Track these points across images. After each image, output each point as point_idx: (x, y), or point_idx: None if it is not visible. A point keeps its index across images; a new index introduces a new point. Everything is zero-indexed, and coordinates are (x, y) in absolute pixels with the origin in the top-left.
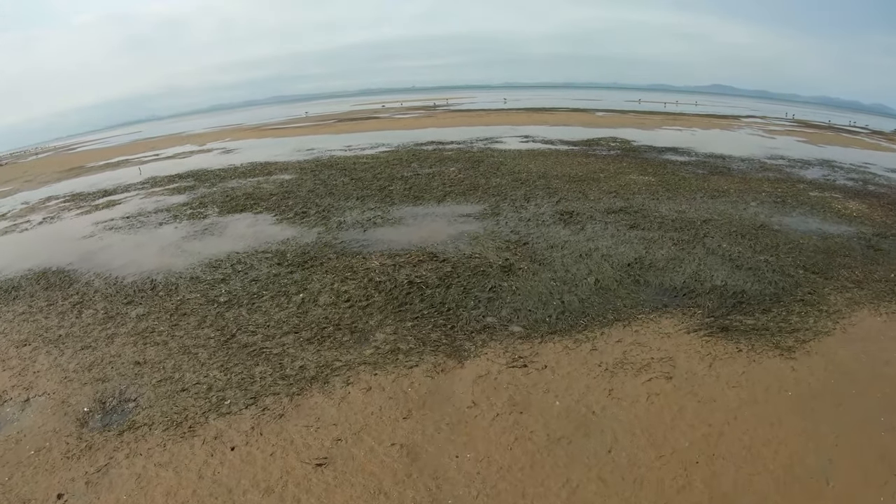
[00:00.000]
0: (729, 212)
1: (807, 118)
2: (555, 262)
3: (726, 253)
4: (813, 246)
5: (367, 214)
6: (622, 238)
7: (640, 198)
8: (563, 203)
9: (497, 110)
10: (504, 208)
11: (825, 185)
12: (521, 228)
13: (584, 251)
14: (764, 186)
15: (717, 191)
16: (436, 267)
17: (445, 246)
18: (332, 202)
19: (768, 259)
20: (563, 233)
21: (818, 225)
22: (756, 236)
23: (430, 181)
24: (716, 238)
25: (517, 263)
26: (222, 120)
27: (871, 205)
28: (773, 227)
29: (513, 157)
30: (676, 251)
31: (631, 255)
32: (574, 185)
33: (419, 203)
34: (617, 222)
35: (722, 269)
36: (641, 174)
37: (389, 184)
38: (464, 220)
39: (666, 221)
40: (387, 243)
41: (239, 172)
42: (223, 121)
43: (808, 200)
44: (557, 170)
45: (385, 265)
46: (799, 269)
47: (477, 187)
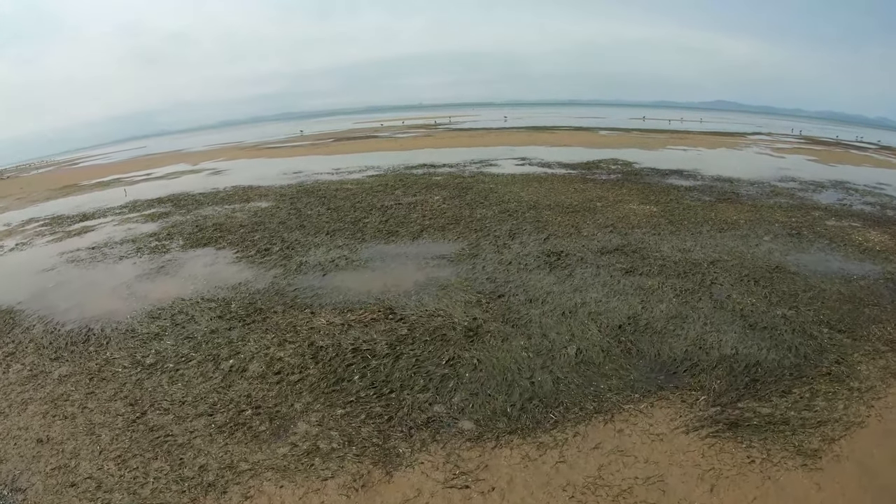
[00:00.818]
0: (739, 249)
1: (813, 134)
2: (531, 322)
3: (737, 307)
4: (836, 293)
5: (333, 254)
6: (615, 288)
7: (639, 233)
8: (552, 241)
9: (497, 129)
10: (484, 248)
11: (842, 211)
12: (500, 275)
13: (568, 307)
14: (776, 215)
15: (725, 222)
16: (389, 328)
17: (408, 299)
18: (300, 237)
19: (786, 314)
20: (547, 281)
21: (839, 263)
22: (771, 282)
23: (409, 212)
24: (725, 286)
25: (486, 325)
26: (225, 137)
27: (894, 235)
28: (790, 268)
29: (505, 184)
30: (679, 305)
31: (624, 311)
32: (567, 217)
33: (392, 240)
34: (611, 266)
35: (732, 329)
36: (642, 203)
37: (366, 215)
38: (436, 264)
39: (668, 264)
40: (343, 293)
41: (218, 198)
42: (225, 138)
43: (826, 232)
44: (551, 198)
45: (332, 324)
46: (822, 328)
47: (459, 220)
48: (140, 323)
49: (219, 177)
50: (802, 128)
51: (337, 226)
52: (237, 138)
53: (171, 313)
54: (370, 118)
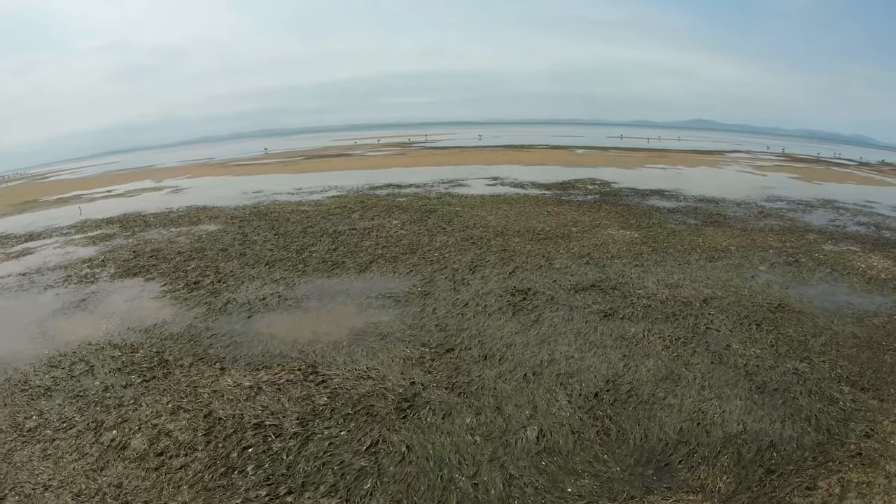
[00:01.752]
0: (734, 283)
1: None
2: (484, 389)
3: (740, 361)
4: (850, 336)
5: (266, 290)
6: (591, 338)
7: (619, 264)
8: (518, 275)
9: (472, 148)
10: (439, 284)
11: (836, 234)
12: (452, 320)
13: (531, 366)
14: (769, 240)
15: (715, 249)
16: (307, 394)
17: (337, 352)
18: (237, 268)
19: (798, 368)
20: (509, 328)
21: (846, 297)
22: (775, 324)
23: (362, 239)
24: (723, 332)
25: (426, 392)
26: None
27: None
28: (794, 305)
29: (472, 206)
30: (669, 361)
31: (601, 371)
32: (538, 245)
33: (336, 273)
34: (586, 307)
35: (737, 394)
36: (622, 227)
37: (314, 242)
38: (380, 305)
39: (653, 304)
40: (264, 342)
41: (168, 220)
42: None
43: (826, 259)
44: (521, 223)
45: (240, 386)
46: (842, 385)
47: (416, 249)
48: (36, 372)
49: (177, 196)
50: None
51: (280, 255)
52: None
53: (72, 361)
54: (350, 136)
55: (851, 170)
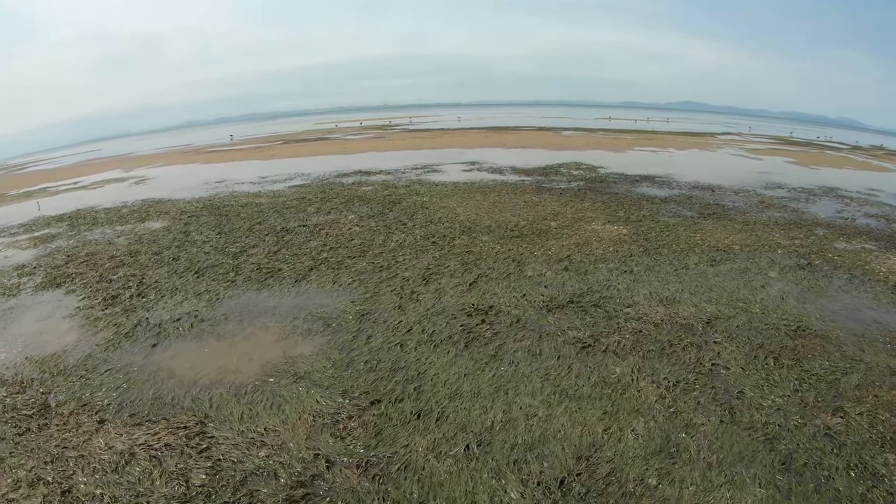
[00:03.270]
0: (742, 295)
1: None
2: (409, 468)
3: (757, 418)
4: (886, 371)
5: (185, 307)
6: (563, 384)
7: (604, 270)
8: (480, 286)
9: (454, 130)
10: (383, 300)
11: (846, 228)
12: (388, 354)
13: (479, 431)
14: (776, 236)
15: (716, 248)
16: (184, 467)
17: (237, 402)
18: (164, 277)
19: (831, 427)
20: (458, 368)
21: (873, 313)
22: (797, 356)
23: (310, 239)
24: (733, 370)
25: (331, 473)
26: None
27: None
28: (815, 326)
29: (442, 196)
30: (664, 421)
31: (573, 441)
32: (509, 245)
33: (269, 284)
34: (561, 334)
35: (755, 476)
36: (609, 221)
37: (257, 242)
38: (306, 330)
39: (645, 328)
40: (158, 385)
41: (118, 216)
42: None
43: (840, 260)
44: (493, 216)
45: (112, 450)
46: (887, 452)
47: (367, 251)
48: None
49: (138, 188)
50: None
51: (214, 260)
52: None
53: None
54: (333, 119)
55: (846, 153)
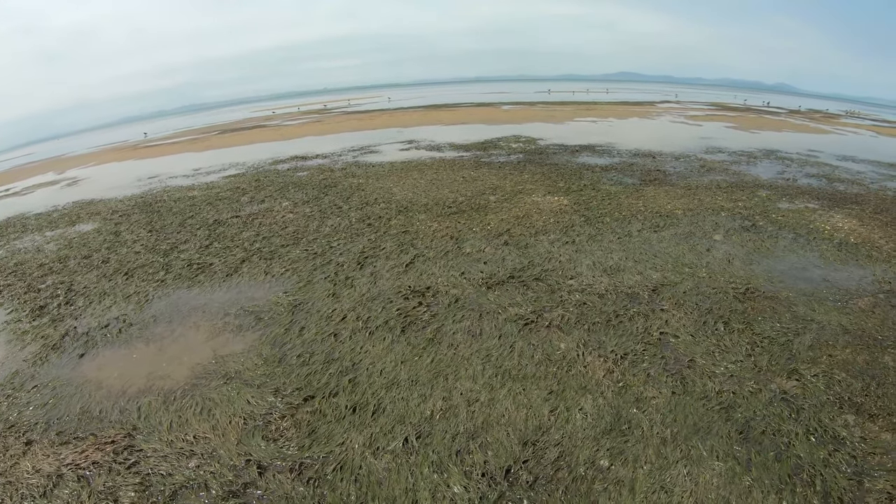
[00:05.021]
0: (687, 259)
1: (722, 100)
2: (345, 468)
3: (710, 387)
4: (839, 330)
5: (114, 312)
6: (505, 364)
7: (545, 242)
8: (417, 266)
9: (393, 110)
10: (316, 288)
11: (789, 188)
12: (321, 346)
13: (417, 422)
14: (719, 199)
15: (658, 214)
16: (112, 485)
17: (165, 410)
18: (93, 281)
19: (788, 391)
20: (394, 355)
21: (821, 271)
22: (747, 320)
23: (243, 230)
24: (683, 338)
25: (263, 479)
26: (115, 136)
27: (861, 218)
28: (764, 288)
29: (378, 176)
30: (614, 397)
31: (518, 426)
32: (447, 222)
33: (199, 280)
34: (502, 311)
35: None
36: (549, 192)
37: (189, 237)
38: (237, 326)
39: (590, 300)
40: (86, 397)
41: (48, 221)
42: (115, 137)
43: (785, 220)
44: (431, 194)
45: (39, 473)
46: (845, 413)
47: (300, 238)
48: None
49: (70, 189)
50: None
51: (145, 259)
52: (125, 137)
53: None
54: (272, 105)
55: (784, 117)
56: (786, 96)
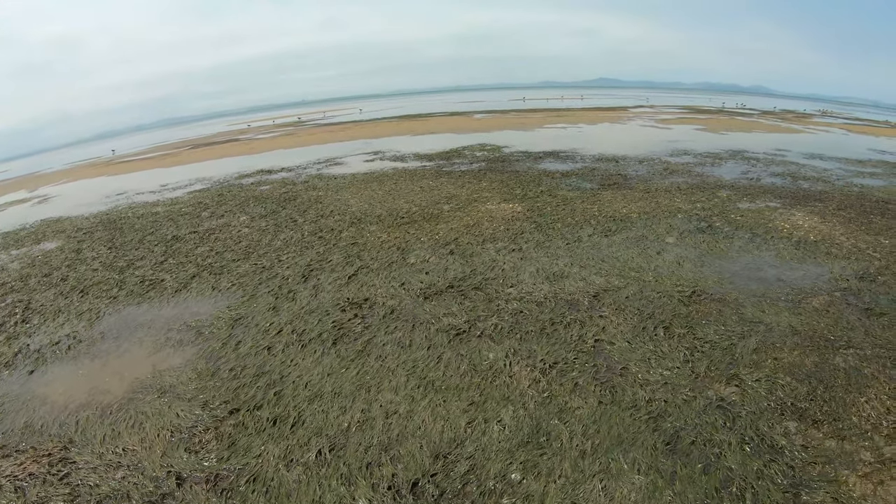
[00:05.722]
0: (635, 263)
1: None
2: (258, 479)
3: (641, 395)
4: (787, 331)
5: (66, 329)
6: (430, 375)
7: (492, 249)
8: (360, 278)
9: (366, 121)
10: (259, 302)
11: (752, 188)
12: (254, 359)
13: (334, 434)
14: (677, 201)
15: (613, 218)
16: (44, 496)
17: (101, 423)
18: (49, 299)
19: (725, 397)
20: (323, 367)
21: (775, 270)
22: (690, 324)
23: (198, 245)
24: (618, 344)
25: (181, 490)
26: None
27: (823, 215)
28: (712, 290)
29: (338, 188)
30: (536, 408)
31: (433, 438)
32: (396, 233)
33: (150, 295)
34: (435, 322)
35: (634, 462)
36: (505, 199)
37: (146, 254)
38: (178, 341)
39: (527, 308)
40: (30, 413)
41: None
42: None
43: (744, 220)
44: (387, 204)
45: None
46: (786, 420)
47: (251, 252)
48: None
49: (40, 207)
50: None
51: (102, 276)
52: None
53: None
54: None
55: (756, 118)
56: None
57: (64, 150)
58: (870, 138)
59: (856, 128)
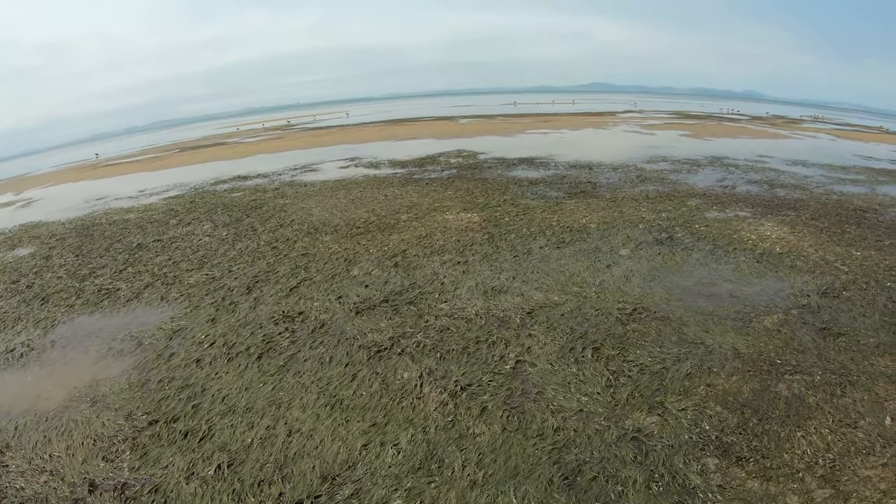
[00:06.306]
0: (581, 277)
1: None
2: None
3: (549, 424)
4: (730, 354)
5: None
6: (341, 393)
7: (436, 263)
8: (301, 290)
9: (353, 125)
10: (201, 314)
11: (724, 196)
12: (182, 372)
13: (235, 450)
14: (641, 210)
15: (570, 229)
16: None
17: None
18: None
19: (643, 427)
20: (245, 380)
21: (731, 285)
22: (622, 345)
23: (158, 253)
24: (540, 366)
25: (92, 498)
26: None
27: (794, 225)
28: (657, 307)
29: (306, 196)
30: (437, 433)
31: (328, 460)
32: (348, 243)
33: (103, 304)
34: (360, 338)
35: (525, 498)
36: (465, 209)
37: (108, 262)
38: (119, 351)
39: (455, 325)
40: None
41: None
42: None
43: (708, 230)
44: (347, 214)
45: None
46: (708, 455)
47: (205, 262)
48: None
49: (23, 211)
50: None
51: (64, 284)
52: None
53: None
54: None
55: (745, 124)
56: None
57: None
58: (857, 144)
59: (844, 133)
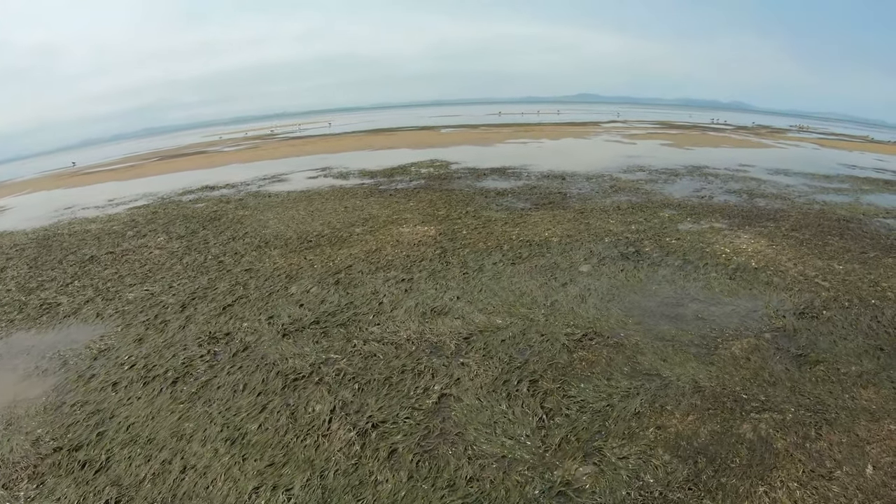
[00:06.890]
0: (531, 297)
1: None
2: None
3: (462, 474)
4: (688, 388)
5: None
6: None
7: (380, 280)
8: (234, 310)
9: (334, 135)
10: (130, 333)
11: (699, 206)
12: (97, 396)
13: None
14: (610, 222)
15: (530, 243)
16: None
17: None
18: None
19: (573, 481)
20: (154, 407)
21: (697, 306)
22: (563, 378)
23: (108, 266)
24: (466, 402)
25: None
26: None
27: (773, 237)
28: (611, 332)
29: (267, 207)
30: (336, 477)
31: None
32: (294, 259)
33: (41, 321)
34: (281, 363)
35: None
36: (424, 221)
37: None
38: (43, 372)
39: (383, 351)
40: None
41: None
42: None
43: (679, 243)
44: (303, 226)
45: None
46: None
47: (150, 276)
48: None
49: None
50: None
51: (11, 297)
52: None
53: None
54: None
55: (728, 133)
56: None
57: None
58: (841, 152)
59: (828, 142)
